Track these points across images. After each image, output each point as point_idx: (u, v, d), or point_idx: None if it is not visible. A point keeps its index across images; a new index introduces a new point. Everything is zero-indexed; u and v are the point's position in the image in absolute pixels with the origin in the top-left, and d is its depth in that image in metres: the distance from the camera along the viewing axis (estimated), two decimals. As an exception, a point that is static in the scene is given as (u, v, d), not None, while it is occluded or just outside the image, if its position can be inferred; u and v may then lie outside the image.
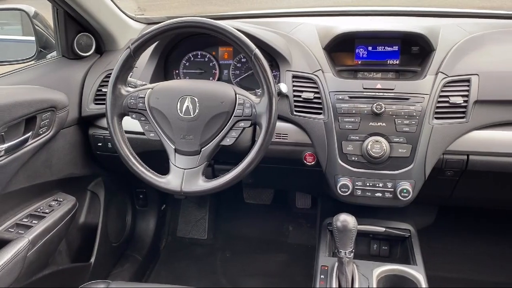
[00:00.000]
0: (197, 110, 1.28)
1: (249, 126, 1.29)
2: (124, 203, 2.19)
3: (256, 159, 1.25)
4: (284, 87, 1.35)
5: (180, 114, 1.29)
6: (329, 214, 1.59)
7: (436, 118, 1.36)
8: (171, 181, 1.29)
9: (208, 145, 1.29)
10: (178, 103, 1.29)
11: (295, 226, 2.41)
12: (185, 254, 2.34)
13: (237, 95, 1.28)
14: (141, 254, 2.21)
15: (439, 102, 1.37)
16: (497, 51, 1.48)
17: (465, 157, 1.39)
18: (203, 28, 1.24)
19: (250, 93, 1.31)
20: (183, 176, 1.29)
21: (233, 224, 2.45)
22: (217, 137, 1.29)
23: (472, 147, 1.38)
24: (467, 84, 1.38)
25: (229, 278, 2.18)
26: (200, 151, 1.29)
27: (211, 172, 1.69)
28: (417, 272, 1.36)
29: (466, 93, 1.37)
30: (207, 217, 2.41)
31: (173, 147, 1.31)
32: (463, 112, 1.36)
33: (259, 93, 1.28)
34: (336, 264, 1.36)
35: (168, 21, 1.26)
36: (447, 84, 1.38)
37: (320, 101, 1.43)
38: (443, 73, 1.39)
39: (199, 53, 1.68)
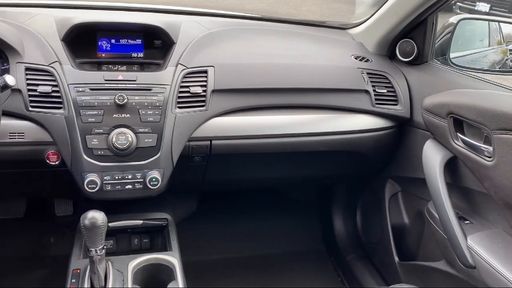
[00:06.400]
0: None
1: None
2: None
3: None
4: (10, 79, 1.19)
5: None
6: None
7: (179, 107, 1.43)
8: None
9: None
10: None
11: (57, 237, 2.20)
12: None
13: None
14: None
15: (180, 92, 1.43)
16: (231, 45, 1.64)
17: (208, 142, 1.50)
18: None
19: None
20: None
21: None
22: None
23: (213, 132, 1.49)
24: (204, 75, 1.48)
25: None
26: None
27: None
28: (171, 257, 1.39)
29: (204, 83, 1.47)
30: None
31: None
32: (203, 101, 1.46)
33: None
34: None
35: None
36: (186, 75, 1.46)
37: (59, 94, 1.34)
38: (183, 65, 1.46)
39: None
